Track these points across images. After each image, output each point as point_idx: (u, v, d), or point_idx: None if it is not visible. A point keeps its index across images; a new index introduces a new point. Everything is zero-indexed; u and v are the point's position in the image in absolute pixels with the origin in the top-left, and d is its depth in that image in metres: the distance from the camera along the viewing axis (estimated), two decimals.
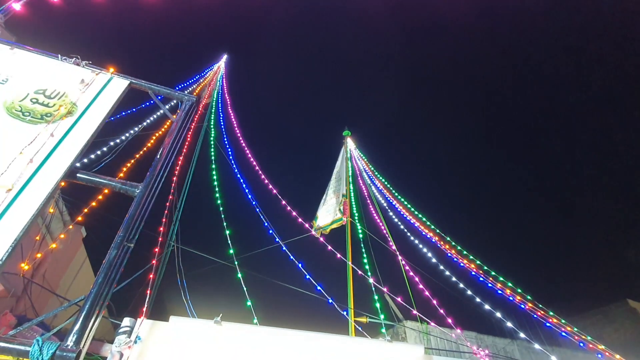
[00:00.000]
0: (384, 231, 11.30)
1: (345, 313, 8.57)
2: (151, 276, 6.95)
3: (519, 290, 9.73)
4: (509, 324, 8.22)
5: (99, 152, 7.54)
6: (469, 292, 9.16)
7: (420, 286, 9.10)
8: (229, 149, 12.14)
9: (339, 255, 9.65)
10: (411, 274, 9.58)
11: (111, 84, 4.68)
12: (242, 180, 10.98)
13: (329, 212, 11.75)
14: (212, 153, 11.57)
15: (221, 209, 9.56)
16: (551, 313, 9.25)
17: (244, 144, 12.50)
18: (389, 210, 12.40)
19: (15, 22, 6.90)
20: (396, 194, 12.85)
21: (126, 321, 3.80)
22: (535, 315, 9.08)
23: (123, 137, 8.31)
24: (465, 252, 10.73)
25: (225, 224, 9.13)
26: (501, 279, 9.92)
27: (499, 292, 9.42)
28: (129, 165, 8.61)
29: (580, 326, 9.92)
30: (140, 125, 9.17)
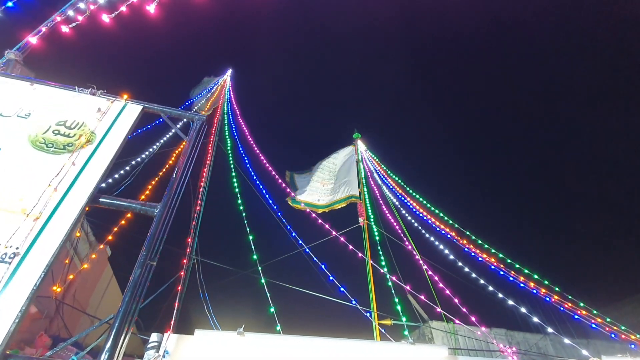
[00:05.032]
0: (400, 231, 11.26)
1: (368, 315, 8.58)
2: (179, 288, 7.18)
3: (546, 282, 9.49)
4: (535, 319, 8.04)
5: (117, 176, 7.88)
6: (491, 288, 9.01)
7: (441, 285, 9.02)
8: (245, 157, 12.39)
9: (360, 254, 9.69)
10: (430, 273, 9.50)
11: (126, 110, 4.93)
12: (262, 186, 11.18)
13: (327, 194, 11.95)
14: (231, 161, 11.82)
15: (244, 214, 9.79)
16: (581, 304, 8.99)
17: (257, 150, 12.73)
18: (402, 209, 12.35)
19: (33, 57, 7.33)
20: (411, 191, 12.79)
21: (154, 336, 3.97)
22: (562, 308, 8.84)
23: (139, 159, 8.66)
24: (486, 246, 10.56)
25: (248, 229, 9.34)
26: (526, 271, 9.71)
27: (522, 285, 9.20)
28: (149, 187, 8.95)
29: (614, 316, 9.57)
30: (155, 146, 9.51)
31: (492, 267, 9.77)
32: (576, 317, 8.79)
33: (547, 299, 9.05)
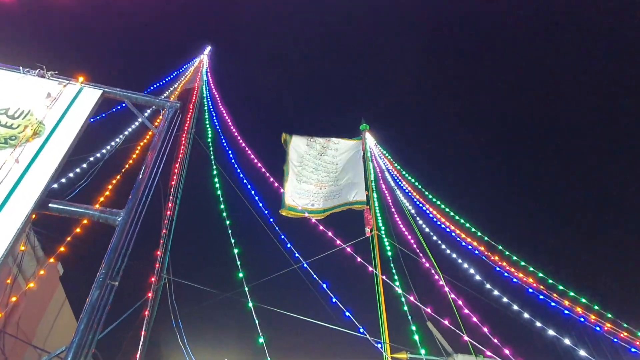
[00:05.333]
0: (417, 245, 11.22)
1: (379, 347, 8.53)
2: (146, 313, 7.11)
3: (595, 307, 9.46)
4: (583, 353, 8.01)
5: (71, 175, 7.80)
6: (527, 315, 9.00)
7: (467, 311, 9.00)
8: (229, 151, 12.36)
9: (370, 269, 9.64)
10: (453, 296, 9.47)
11: (82, 96, 4.86)
12: (250, 186, 11.14)
13: (324, 197, 11.95)
14: (212, 157, 11.81)
15: (227, 222, 9.74)
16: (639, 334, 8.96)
17: (243, 144, 12.70)
18: (419, 218, 12.32)
19: None
20: (430, 196, 12.74)
21: None
22: (616, 339, 8.81)
23: (98, 155, 8.59)
24: (522, 263, 10.54)
25: (232, 240, 9.28)
26: (571, 294, 9.70)
27: (566, 311, 9.19)
28: (109, 188, 8.86)
29: None
30: (118, 139, 9.45)
31: (530, 289, 9.75)
32: (633, 349, 8.77)
33: (598, 327, 9.03)
